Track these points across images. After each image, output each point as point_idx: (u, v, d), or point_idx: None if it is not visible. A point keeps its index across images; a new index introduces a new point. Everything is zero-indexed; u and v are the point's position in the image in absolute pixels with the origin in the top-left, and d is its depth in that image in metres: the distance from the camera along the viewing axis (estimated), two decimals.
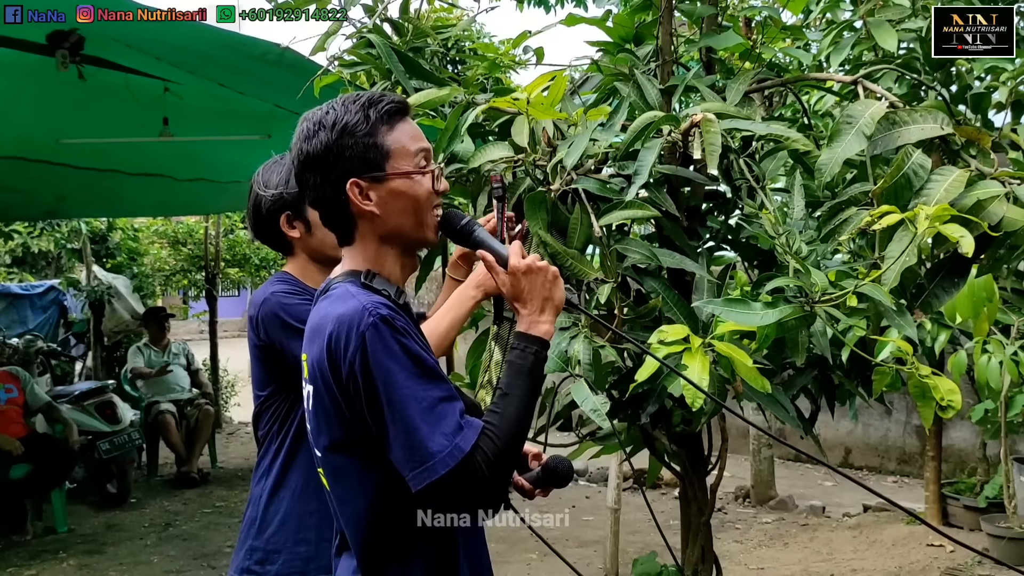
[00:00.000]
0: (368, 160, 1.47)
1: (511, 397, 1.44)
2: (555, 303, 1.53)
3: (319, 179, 1.49)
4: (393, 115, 1.51)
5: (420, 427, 1.34)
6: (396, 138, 1.50)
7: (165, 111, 5.10)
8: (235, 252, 10.84)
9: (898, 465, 7.53)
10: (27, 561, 5.29)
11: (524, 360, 1.48)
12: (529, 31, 2.59)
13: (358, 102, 1.50)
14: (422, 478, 1.34)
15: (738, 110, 2.03)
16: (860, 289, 1.72)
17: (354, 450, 1.46)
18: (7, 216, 8.90)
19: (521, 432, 1.43)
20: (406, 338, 1.39)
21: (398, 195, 1.49)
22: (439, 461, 1.33)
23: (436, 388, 1.38)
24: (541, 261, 1.53)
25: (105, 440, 6.34)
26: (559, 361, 1.98)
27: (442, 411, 1.36)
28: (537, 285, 1.52)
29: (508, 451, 1.39)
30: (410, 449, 1.35)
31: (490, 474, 1.36)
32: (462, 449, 1.34)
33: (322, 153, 1.48)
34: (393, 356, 1.36)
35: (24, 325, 9.73)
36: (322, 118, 1.50)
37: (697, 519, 2.46)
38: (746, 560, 5.28)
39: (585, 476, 7.66)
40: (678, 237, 2.15)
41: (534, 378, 1.48)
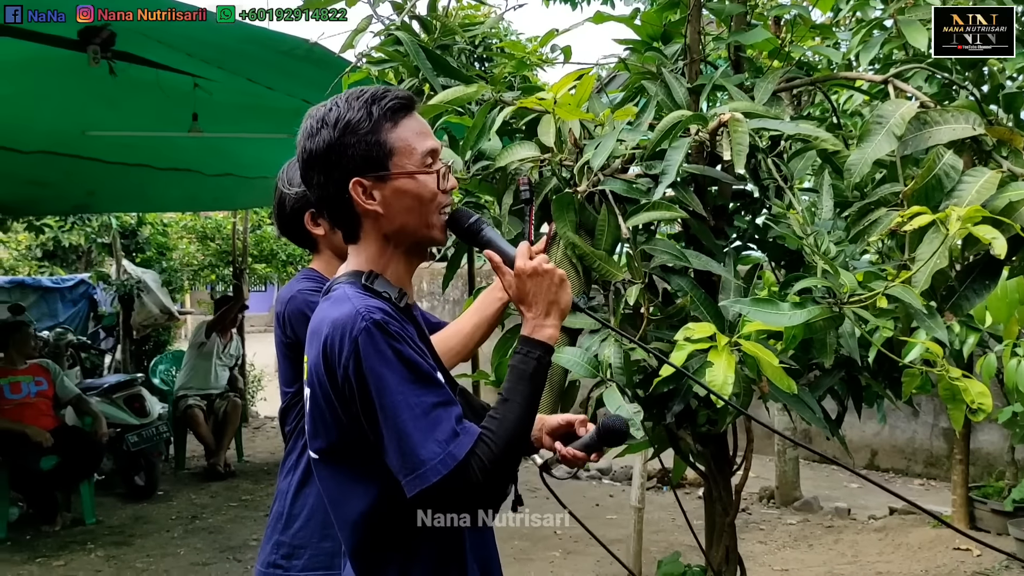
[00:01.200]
0: (371, 158, 1.44)
1: (511, 403, 1.42)
2: (561, 307, 1.50)
3: (322, 178, 1.47)
4: (397, 111, 1.47)
5: (412, 434, 1.32)
6: (400, 135, 1.46)
7: (195, 107, 5.15)
8: (262, 248, 10.95)
9: (925, 468, 7.46)
10: (56, 552, 5.36)
11: (526, 365, 1.45)
12: (556, 29, 2.58)
13: (361, 98, 1.47)
14: (414, 485, 1.33)
15: (766, 109, 2.02)
16: (890, 291, 1.70)
17: (350, 454, 1.44)
18: (38, 210, 9.02)
19: (520, 438, 1.41)
20: (400, 343, 1.36)
21: (402, 194, 1.46)
22: (430, 468, 1.31)
23: (430, 394, 1.36)
24: (548, 264, 1.49)
25: (133, 433, 6.42)
26: (589, 367, 1.97)
27: (436, 417, 1.34)
28: (543, 288, 1.48)
29: (505, 457, 1.37)
30: (402, 456, 1.33)
31: (485, 481, 1.34)
32: (455, 456, 1.32)
33: (324, 152, 1.45)
34: (386, 362, 1.34)
35: (54, 318, 9.86)
36: (325, 115, 1.47)
37: (722, 519, 2.45)
38: (770, 561, 5.25)
39: (609, 475, 7.65)
40: (705, 237, 2.14)
41: (536, 384, 1.45)
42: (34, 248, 11.99)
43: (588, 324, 2.06)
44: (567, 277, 1.51)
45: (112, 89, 4.87)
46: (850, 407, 2.33)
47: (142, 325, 9.51)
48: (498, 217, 2.23)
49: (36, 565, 5.12)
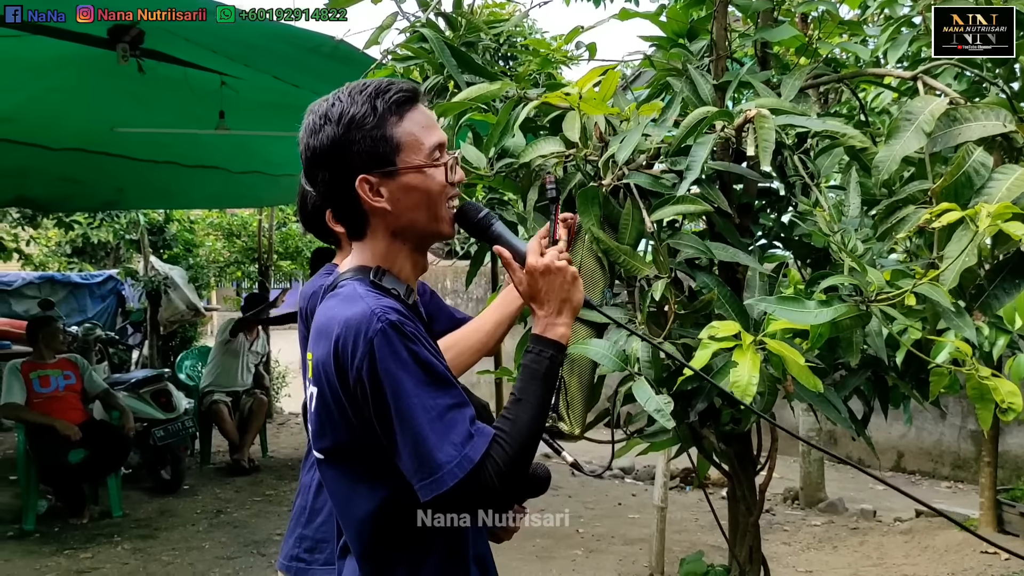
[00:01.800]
0: (378, 155, 1.41)
1: (524, 403, 1.39)
2: (573, 305, 1.47)
3: (328, 175, 1.43)
4: (402, 104, 1.43)
5: (429, 437, 1.30)
6: (407, 129, 1.42)
7: (221, 104, 5.20)
8: (288, 245, 11.03)
9: (952, 470, 7.38)
10: (83, 544, 5.43)
11: (539, 364, 1.43)
12: (582, 26, 2.58)
13: (364, 92, 1.42)
14: (430, 489, 1.30)
15: (793, 106, 2.00)
16: (917, 289, 1.68)
17: (358, 456, 1.42)
18: (68, 206, 9.13)
19: (534, 438, 1.38)
20: (416, 344, 1.33)
21: (410, 189, 1.43)
22: (448, 472, 1.29)
23: (446, 396, 1.33)
24: (560, 261, 1.46)
25: (160, 427, 6.48)
26: (618, 361, 1.96)
27: (452, 419, 1.32)
28: (555, 286, 1.46)
29: (520, 458, 1.35)
30: (419, 459, 1.31)
31: (500, 483, 1.32)
32: (471, 459, 1.30)
33: (329, 149, 1.41)
34: (402, 363, 1.31)
35: (83, 313, 10.01)
36: (327, 111, 1.42)
37: (745, 519, 2.43)
38: (794, 563, 5.21)
39: (631, 474, 7.63)
40: (730, 234, 2.13)
41: (548, 383, 1.42)
42: (64, 244, 12.16)
43: (615, 318, 2.05)
44: (579, 275, 1.49)
45: (141, 87, 4.94)
46: (876, 408, 2.30)
47: (169, 321, 9.62)
48: (523, 214, 2.23)
49: (64, 557, 5.18)
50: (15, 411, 5.75)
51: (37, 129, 5.82)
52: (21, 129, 5.77)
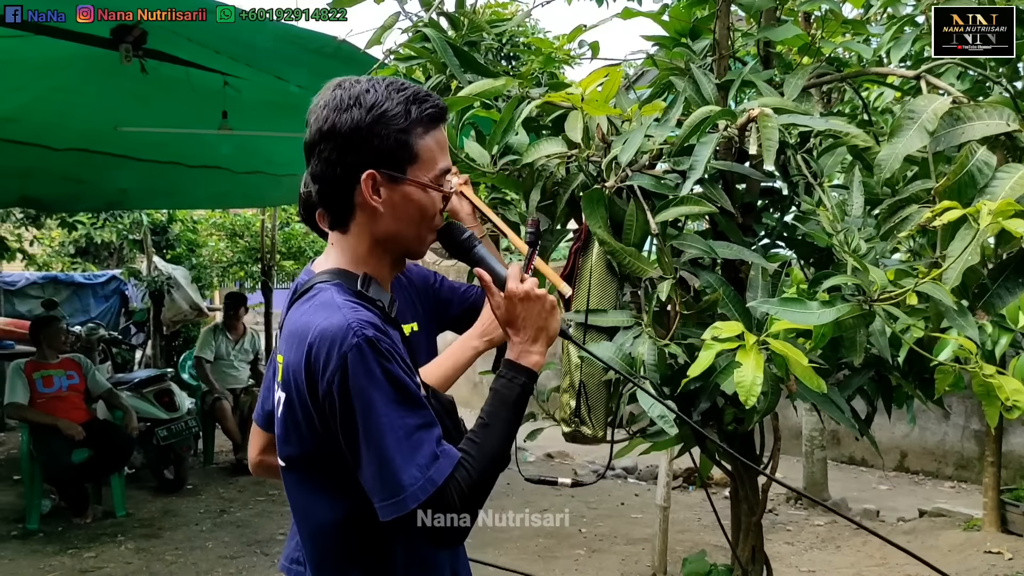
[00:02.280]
0: (394, 157, 1.39)
1: (491, 428, 1.39)
2: (549, 334, 1.48)
3: (335, 155, 1.40)
4: (434, 120, 1.43)
5: (394, 457, 1.29)
6: (428, 144, 1.42)
7: (224, 104, 5.20)
8: (291, 245, 11.03)
9: (955, 470, 7.37)
10: (87, 543, 5.43)
11: (510, 391, 1.43)
12: (584, 25, 2.58)
13: (403, 92, 1.40)
14: (391, 511, 1.29)
15: (796, 105, 2.00)
16: (920, 288, 1.68)
17: (321, 466, 1.41)
18: (72, 206, 9.16)
19: (498, 464, 1.38)
20: (390, 363, 1.32)
21: (408, 202, 1.42)
22: (410, 495, 1.28)
23: (415, 415, 1.32)
24: (540, 289, 1.47)
25: (163, 427, 6.48)
26: (624, 364, 1.96)
27: (418, 439, 1.30)
28: (533, 313, 1.46)
29: (483, 483, 1.35)
30: (382, 479, 1.30)
31: (462, 506, 1.31)
32: (435, 482, 1.29)
33: (349, 131, 1.38)
34: (374, 381, 1.30)
35: (87, 313, 10.04)
36: (360, 94, 1.39)
37: (748, 519, 2.43)
38: (797, 562, 5.21)
39: (634, 474, 7.63)
40: (733, 234, 2.12)
41: (518, 409, 1.43)
42: (67, 245, 12.19)
43: (621, 321, 2.06)
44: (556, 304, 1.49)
45: (144, 87, 4.94)
46: (880, 408, 2.30)
47: (172, 321, 9.64)
48: (525, 214, 2.23)
49: (68, 556, 5.19)
50: (19, 411, 5.76)
51: (41, 129, 5.83)
52: (25, 129, 5.78)
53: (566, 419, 2.12)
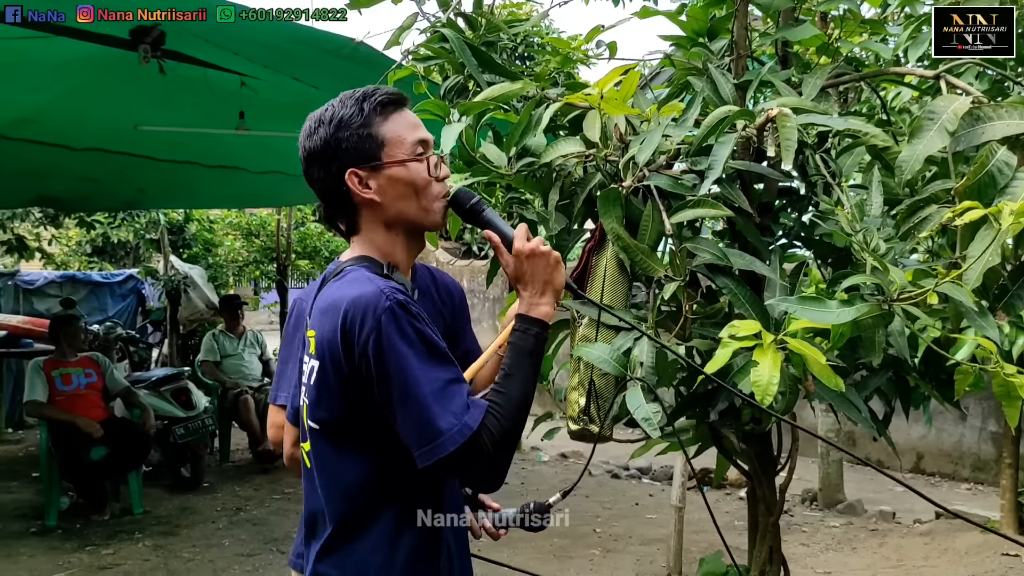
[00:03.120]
0: (364, 150, 1.55)
1: (514, 377, 1.51)
2: (555, 287, 1.59)
3: (322, 173, 1.58)
4: (387, 106, 1.58)
5: (431, 406, 1.41)
6: (392, 128, 1.57)
7: (241, 105, 5.23)
8: (306, 244, 11.08)
9: (972, 472, 7.32)
10: (105, 541, 5.48)
11: (525, 341, 1.54)
12: (602, 25, 2.58)
13: (353, 96, 1.58)
14: (431, 455, 1.41)
15: (815, 105, 2.00)
16: (940, 288, 1.67)
17: (350, 428, 1.53)
18: (90, 205, 9.23)
19: (524, 410, 1.50)
20: (420, 323, 1.45)
21: (395, 181, 1.57)
22: (448, 438, 1.40)
23: (446, 371, 1.45)
24: (545, 245, 1.58)
25: (180, 425, 6.52)
26: (618, 366, 1.96)
27: (451, 391, 1.43)
28: (539, 268, 1.57)
29: (512, 429, 1.46)
30: (420, 427, 1.42)
31: (494, 451, 1.43)
32: (470, 427, 1.41)
33: (321, 148, 1.57)
34: (407, 339, 1.43)
35: (104, 312, 10.10)
36: (321, 115, 1.59)
37: (765, 519, 2.43)
38: (812, 564, 5.19)
39: (648, 474, 7.62)
40: (751, 234, 2.12)
41: (535, 358, 1.54)
42: (84, 244, 12.27)
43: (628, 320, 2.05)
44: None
45: (162, 88, 4.97)
46: (897, 409, 2.29)
47: (188, 320, 9.69)
48: (544, 214, 2.23)
49: (86, 553, 5.23)
50: (38, 409, 5.81)
51: (60, 129, 5.88)
52: (44, 130, 5.83)
53: (574, 417, 2.12)
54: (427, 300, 1.87)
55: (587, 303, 2.06)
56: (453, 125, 2.11)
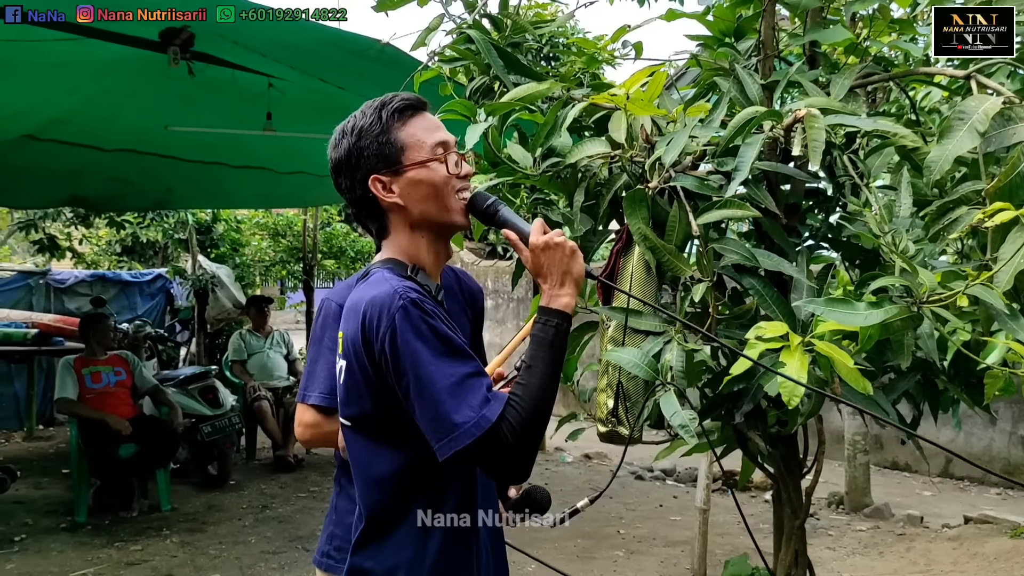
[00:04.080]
0: (385, 156, 1.61)
1: (534, 369, 1.51)
2: (574, 276, 1.59)
3: (349, 182, 1.65)
4: (404, 111, 1.63)
5: (446, 401, 1.43)
6: (410, 132, 1.62)
7: (268, 106, 5.27)
8: (332, 244, 11.15)
9: (1002, 478, 7.22)
10: (133, 537, 5.54)
11: (546, 333, 1.55)
12: (628, 25, 2.58)
13: (372, 106, 1.64)
14: (448, 448, 1.43)
15: (843, 105, 1.98)
16: (970, 290, 1.65)
17: (380, 423, 1.56)
18: (120, 205, 9.33)
19: (545, 401, 1.50)
20: (434, 320, 1.48)
21: (417, 183, 1.61)
22: (464, 432, 1.41)
23: (463, 365, 1.46)
24: (560, 236, 1.59)
25: (207, 423, 6.58)
26: (649, 370, 1.96)
27: (469, 386, 1.44)
28: (556, 260, 1.58)
29: (533, 420, 1.46)
30: (436, 421, 1.44)
31: (516, 443, 1.43)
32: (488, 419, 1.42)
33: (345, 158, 1.63)
34: (421, 336, 1.46)
35: (133, 311, 10.20)
36: (344, 127, 1.66)
37: (791, 522, 2.41)
38: (839, 568, 5.15)
39: (673, 476, 7.59)
40: (777, 235, 2.11)
41: (556, 349, 1.54)
42: (114, 244, 12.42)
43: (655, 326, 2.05)
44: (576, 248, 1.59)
45: (190, 89, 5.02)
46: (925, 413, 2.27)
47: (216, 319, 9.78)
48: (568, 214, 2.23)
49: (114, 549, 5.29)
50: (68, 406, 5.89)
51: (91, 131, 5.96)
52: (76, 131, 5.91)
53: (603, 419, 2.12)
54: (452, 299, 1.88)
55: (616, 308, 2.07)
56: (478, 125, 2.11)
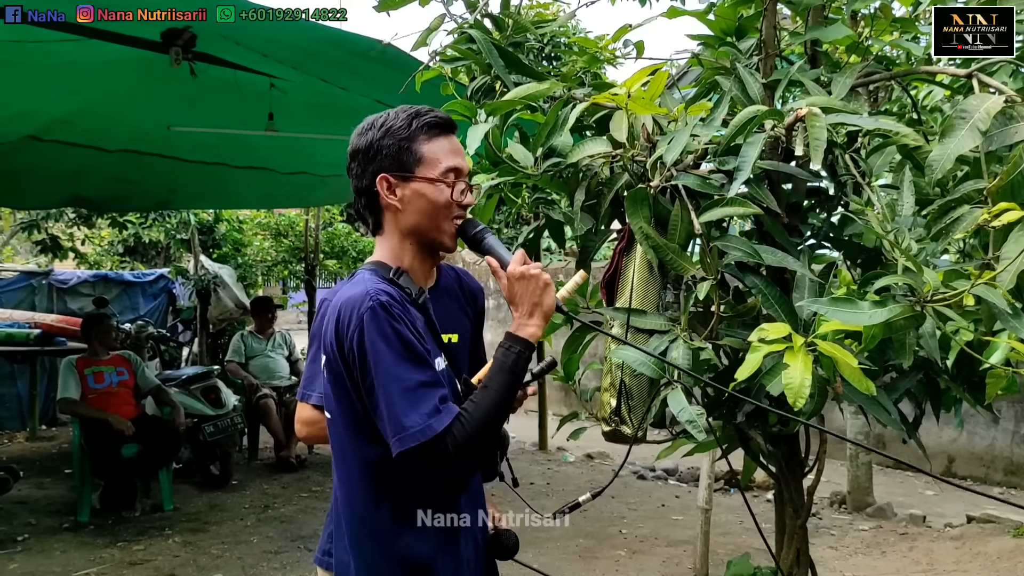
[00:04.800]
0: (400, 161, 1.68)
1: (489, 390, 1.59)
2: (543, 309, 1.65)
3: (359, 169, 1.72)
4: (433, 128, 1.71)
5: (399, 403, 1.52)
6: (431, 149, 1.69)
7: (270, 106, 5.27)
8: (334, 244, 11.15)
9: (1005, 476, 7.22)
10: (136, 536, 5.54)
11: (506, 358, 1.62)
12: (630, 25, 2.57)
13: (408, 111, 1.71)
14: (396, 446, 1.52)
15: (844, 104, 1.98)
16: (974, 290, 1.65)
17: (355, 416, 1.64)
18: (123, 206, 9.33)
19: (493, 423, 1.58)
20: (400, 324, 1.56)
21: (419, 196, 1.69)
22: (409, 435, 1.51)
23: (420, 373, 1.55)
24: (536, 269, 1.65)
25: (210, 423, 6.58)
26: (655, 368, 1.96)
27: (423, 394, 1.53)
28: (529, 290, 1.64)
29: (477, 436, 1.54)
30: (390, 420, 1.53)
31: (457, 454, 1.52)
32: (434, 429, 1.51)
33: (365, 148, 1.71)
34: (385, 338, 1.54)
35: (135, 311, 10.21)
36: (375, 119, 1.73)
37: (792, 521, 2.41)
38: (841, 567, 5.14)
39: (675, 476, 7.59)
40: (779, 234, 2.11)
41: (514, 375, 1.61)
42: (116, 244, 12.43)
43: (659, 324, 2.05)
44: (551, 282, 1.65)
45: (193, 89, 5.03)
46: (927, 412, 2.27)
47: (218, 319, 9.78)
48: (569, 213, 2.23)
49: (117, 549, 5.29)
50: (71, 406, 5.89)
51: (93, 131, 5.97)
52: (79, 131, 5.92)
53: (606, 418, 2.13)
54: (452, 298, 1.88)
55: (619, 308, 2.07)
56: (480, 125, 2.11)
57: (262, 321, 8.09)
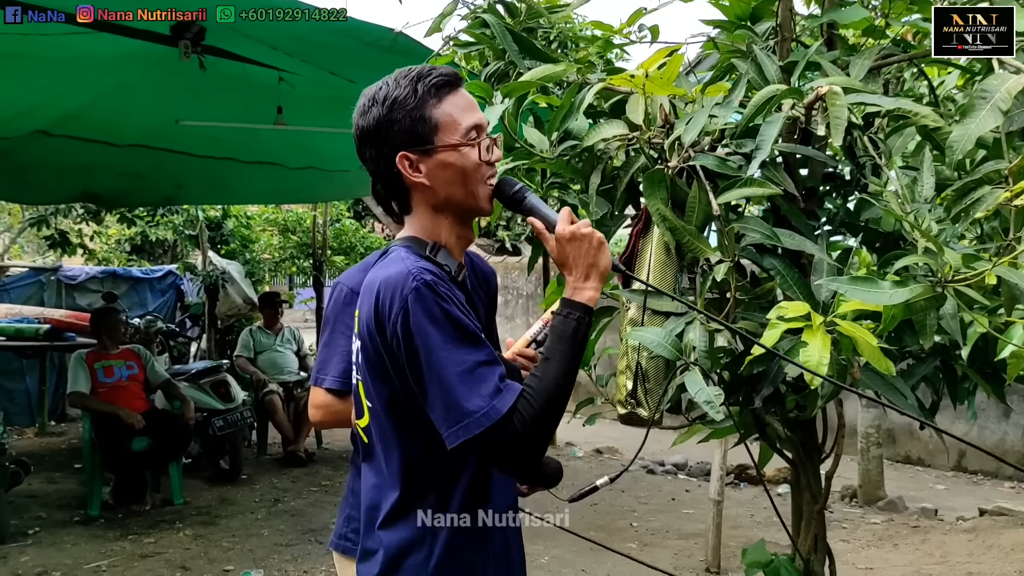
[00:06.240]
0: (416, 133, 1.52)
1: (551, 362, 1.46)
2: (599, 270, 1.54)
3: (374, 152, 1.56)
4: (441, 87, 1.54)
5: (457, 387, 1.38)
6: (445, 110, 1.53)
7: (279, 100, 5.27)
8: (341, 240, 11.16)
9: (1016, 470, 7.18)
10: (146, 530, 5.55)
11: (566, 326, 1.49)
12: (644, 8, 2.56)
13: (408, 76, 1.54)
14: (457, 436, 1.38)
15: (863, 85, 1.96)
16: (995, 270, 1.64)
17: (399, 404, 1.51)
18: (131, 201, 9.35)
19: (560, 396, 1.44)
20: (448, 303, 1.42)
21: (446, 166, 1.54)
22: (474, 421, 1.37)
23: (476, 352, 1.41)
24: (587, 228, 1.53)
25: (219, 417, 6.60)
26: (672, 349, 1.94)
27: (481, 374, 1.39)
28: (582, 251, 1.53)
29: (545, 414, 1.41)
30: (447, 408, 1.39)
31: (526, 436, 1.39)
32: (499, 410, 1.37)
33: (374, 128, 1.54)
34: (433, 320, 1.40)
35: (144, 307, 10.24)
36: (375, 93, 1.55)
37: (810, 507, 2.39)
38: (854, 560, 5.13)
39: (685, 470, 7.57)
40: (796, 218, 2.09)
41: (576, 343, 1.49)
42: (123, 242, 12.46)
43: (676, 307, 2.04)
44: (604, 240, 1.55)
45: (202, 83, 5.03)
46: (940, 407, 2.25)
47: (226, 314, 9.80)
48: (585, 198, 2.22)
49: (128, 542, 5.30)
50: (81, 399, 5.91)
51: (102, 126, 5.97)
52: (88, 126, 5.92)
53: (622, 401, 2.11)
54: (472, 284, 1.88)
55: (635, 290, 2.06)
56: (495, 107, 2.10)
57: (271, 316, 8.11)
